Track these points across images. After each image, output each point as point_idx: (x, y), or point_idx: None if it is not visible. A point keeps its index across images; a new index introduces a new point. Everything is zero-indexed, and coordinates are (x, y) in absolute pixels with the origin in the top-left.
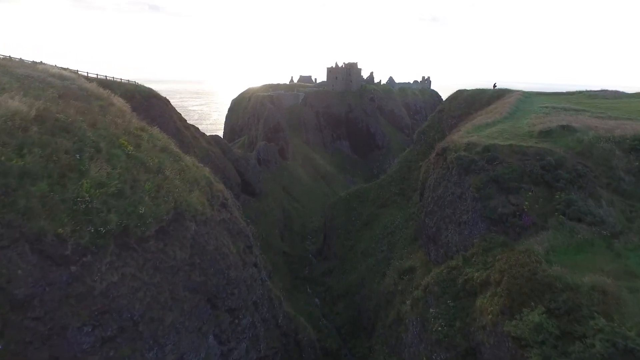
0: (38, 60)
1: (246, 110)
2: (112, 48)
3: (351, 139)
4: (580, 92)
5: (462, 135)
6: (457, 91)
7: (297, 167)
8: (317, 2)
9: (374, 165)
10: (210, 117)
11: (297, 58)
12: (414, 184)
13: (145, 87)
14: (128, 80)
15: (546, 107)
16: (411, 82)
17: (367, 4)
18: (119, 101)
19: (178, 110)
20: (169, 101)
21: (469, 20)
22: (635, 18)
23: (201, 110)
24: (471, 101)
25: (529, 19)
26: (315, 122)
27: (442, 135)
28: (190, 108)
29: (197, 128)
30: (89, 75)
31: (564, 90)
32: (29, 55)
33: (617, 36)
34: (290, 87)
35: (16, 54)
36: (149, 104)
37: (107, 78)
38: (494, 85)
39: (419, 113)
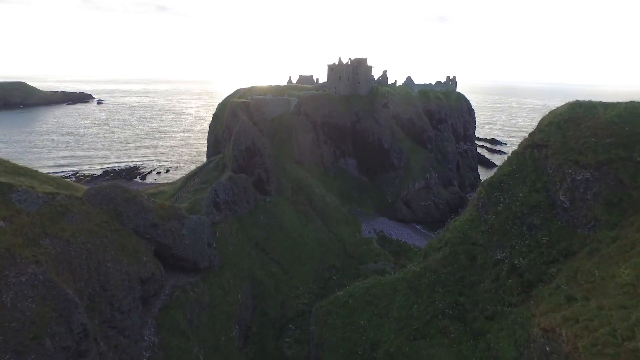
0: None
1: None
2: (118, 48)
3: (359, 157)
4: None
5: None
6: (573, 104)
7: (283, 204)
8: (318, 2)
9: (387, 190)
10: (204, 120)
11: (301, 59)
12: (485, 298)
13: None
14: None
15: None
16: (433, 82)
17: (371, 4)
18: None
19: (171, 114)
20: None
21: (475, 19)
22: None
23: (197, 113)
24: (632, 133)
25: (533, 17)
26: (313, 136)
27: (546, 200)
28: (186, 111)
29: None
30: None
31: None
32: (35, 56)
33: (621, 34)
34: (281, 90)
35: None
36: None
37: None
38: None
39: (443, 122)
